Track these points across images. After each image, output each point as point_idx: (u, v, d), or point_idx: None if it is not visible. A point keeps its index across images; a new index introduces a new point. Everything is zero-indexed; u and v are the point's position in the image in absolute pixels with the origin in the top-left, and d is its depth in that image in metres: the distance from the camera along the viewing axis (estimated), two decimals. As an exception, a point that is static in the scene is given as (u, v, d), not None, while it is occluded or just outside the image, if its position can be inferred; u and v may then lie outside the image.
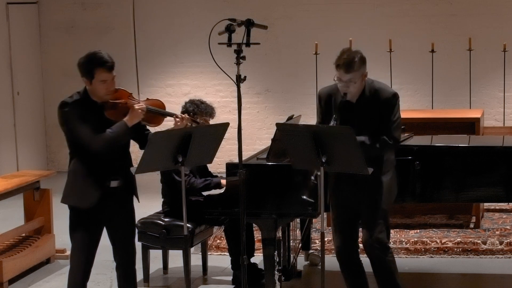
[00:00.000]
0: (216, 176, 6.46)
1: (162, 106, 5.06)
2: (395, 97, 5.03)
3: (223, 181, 6.18)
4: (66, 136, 4.87)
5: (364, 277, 5.26)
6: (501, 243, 7.12)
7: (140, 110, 4.82)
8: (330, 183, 5.11)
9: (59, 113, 4.81)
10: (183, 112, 6.29)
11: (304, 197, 5.41)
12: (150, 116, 4.94)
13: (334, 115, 4.94)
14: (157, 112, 4.97)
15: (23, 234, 7.17)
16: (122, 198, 4.95)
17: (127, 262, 5.04)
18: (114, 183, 4.87)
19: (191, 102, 6.36)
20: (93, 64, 4.76)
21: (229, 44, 4.80)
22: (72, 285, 4.94)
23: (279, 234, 5.98)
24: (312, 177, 5.37)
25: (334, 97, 5.06)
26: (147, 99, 5.10)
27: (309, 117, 10.74)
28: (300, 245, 6.74)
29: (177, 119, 5.01)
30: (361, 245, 5.26)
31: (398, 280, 5.15)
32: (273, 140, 5.74)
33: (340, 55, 4.97)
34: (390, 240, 5.44)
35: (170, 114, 5.03)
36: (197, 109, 6.27)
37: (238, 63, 4.80)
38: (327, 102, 5.10)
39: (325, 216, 4.89)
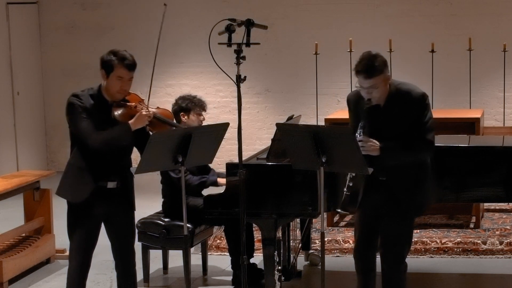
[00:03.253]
0: (213, 171, 6.43)
1: (171, 116, 5.08)
2: (424, 97, 4.85)
3: (220, 180, 6.19)
4: (69, 127, 4.88)
5: (373, 281, 5.21)
6: (501, 243, 7.13)
7: (146, 116, 4.83)
8: (362, 183, 5.01)
9: (67, 103, 4.82)
10: (175, 110, 6.30)
11: (304, 197, 5.41)
12: (156, 124, 4.94)
13: (360, 123, 4.82)
14: (164, 121, 4.97)
15: (23, 234, 7.17)
16: (121, 199, 4.94)
17: (127, 262, 5.05)
18: (111, 184, 4.87)
19: (183, 98, 6.37)
20: (115, 59, 4.80)
21: (229, 44, 4.80)
22: (71, 283, 4.95)
23: (279, 234, 5.98)
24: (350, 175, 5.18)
25: (361, 102, 4.91)
26: (158, 107, 5.11)
27: (309, 117, 10.74)
28: (300, 245, 6.74)
29: None
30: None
31: None
32: (273, 140, 5.74)
33: (359, 60, 4.79)
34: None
35: (175, 125, 5.05)
36: (191, 104, 6.28)
37: (238, 63, 4.80)
38: (356, 106, 4.97)
39: (325, 216, 4.89)
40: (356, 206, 5.06)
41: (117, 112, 4.83)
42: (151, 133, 4.94)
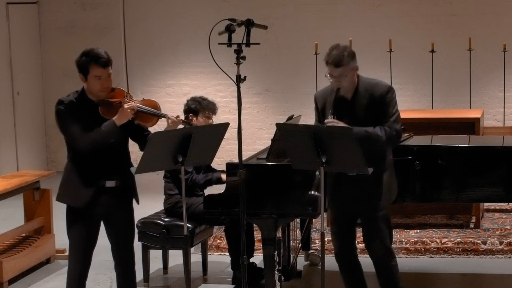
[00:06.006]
0: (217, 171, 6.44)
1: (157, 106, 5.04)
2: (390, 90, 5.01)
3: (223, 176, 6.19)
4: (63, 135, 4.89)
5: (362, 277, 5.27)
6: (501, 243, 7.12)
7: (129, 110, 4.83)
8: (329, 184, 5.10)
9: (54, 110, 4.85)
10: (185, 111, 6.33)
11: (304, 197, 5.41)
12: (142, 116, 4.92)
13: (330, 110, 4.93)
14: (148, 112, 4.96)
15: (23, 234, 7.17)
16: (120, 198, 4.94)
17: (127, 262, 5.04)
18: (110, 183, 4.86)
19: (193, 99, 6.37)
20: (87, 60, 4.79)
21: (229, 44, 4.80)
22: (71, 283, 4.94)
23: (279, 234, 5.98)
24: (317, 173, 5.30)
25: (329, 98, 5.05)
26: (143, 99, 5.10)
27: (309, 117, 10.67)
28: (300, 245, 6.74)
29: (169, 121, 4.99)
30: (360, 245, 5.27)
31: (401, 284, 5.16)
32: (273, 140, 5.74)
33: (329, 51, 4.98)
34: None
35: (162, 115, 4.99)
36: (199, 106, 6.29)
37: (238, 63, 4.80)
38: (323, 103, 5.10)
39: (325, 216, 4.89)
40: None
41: (105, 111, 4.84)
42: (146, 128, 4.95)
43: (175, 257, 6.75)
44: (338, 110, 4.95)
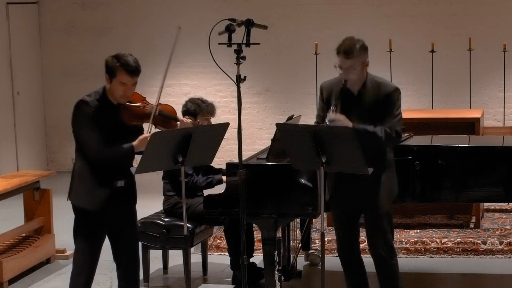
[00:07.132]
0: (219, 170, 6.45)
1: (173, 111, 5.06)
2: (397, 91, 5.00)
3: (224, 178, 6.19)
4: (74, 136, 4.84)
5: (364, 276, 5.27)
6: (501, 243, 7.13)
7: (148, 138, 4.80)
8: (330, 183, 5.10)
9: (74, 112, 4.76)
10: (184, 112, 6.32)
11: (304, 197, 5.41)
12: (162, 120, 4.92)
13: (333, 102, 4.93)
14: (168, 117, 4.96)
15: (23, 234, 7.17)
16: (126, 198, 4.93)
17: (132, 263, 5.00)
18: (120, 183, 4.85)
19: (192, 101, 6.36)
20: (117, 64, 4.75)
21: (229, 44, 4.80)
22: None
23: (279, 234, 5.98)
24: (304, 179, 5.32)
25: (335, 89, 5.05)
26: (159, 103, 5.10)
27: (309, 117, 10.72)
28: (300, 245, 6.74)
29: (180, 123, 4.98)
30: (361, 245, 5.27)
31: (401, 284, 5.16)
32: (273, 140, 5.74)
33: (341, 42, 4.99)
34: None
35: (179, 119, 5.01)
36: (199, 109, 6.28)
37: (238, 63, 4.80)
38: (329, 94, 5.08)
39: (325, 216, 4.89)
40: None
41: (126, 115, 4.82)
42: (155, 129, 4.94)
43: (175, 257, 6.75)
44: (343, 104, 4.95)
